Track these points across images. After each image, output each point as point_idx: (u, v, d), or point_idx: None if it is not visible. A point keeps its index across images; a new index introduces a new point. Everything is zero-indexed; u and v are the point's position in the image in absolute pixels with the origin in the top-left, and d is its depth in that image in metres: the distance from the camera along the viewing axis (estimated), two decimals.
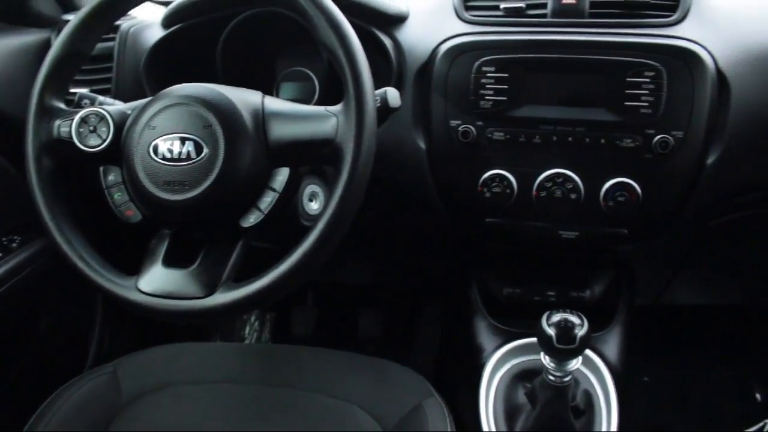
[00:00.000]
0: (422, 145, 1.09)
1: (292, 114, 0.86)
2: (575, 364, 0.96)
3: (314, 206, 1.03)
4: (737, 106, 1.00)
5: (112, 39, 1.21)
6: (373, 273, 1.77)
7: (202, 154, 0.82)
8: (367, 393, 1.07)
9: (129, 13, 1.01)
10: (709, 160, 1.01)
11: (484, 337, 1.20)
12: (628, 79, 0.99)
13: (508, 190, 1.05)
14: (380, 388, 1.08)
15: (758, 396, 1.73)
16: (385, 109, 0.92)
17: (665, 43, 1.00)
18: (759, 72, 1.01)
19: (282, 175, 0.89)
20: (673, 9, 1.03)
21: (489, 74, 1.03)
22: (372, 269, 1.74)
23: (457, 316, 1.29)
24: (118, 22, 1.17)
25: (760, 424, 1.68)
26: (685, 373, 1.80)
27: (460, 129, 1.05)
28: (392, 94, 0.92)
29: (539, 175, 1.04)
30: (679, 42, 1.00)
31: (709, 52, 1.00)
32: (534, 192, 1.05)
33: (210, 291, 0.84)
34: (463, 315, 1.26)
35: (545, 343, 0.94)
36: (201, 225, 0.88)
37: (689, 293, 1.53)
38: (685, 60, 0.99)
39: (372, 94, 0.84)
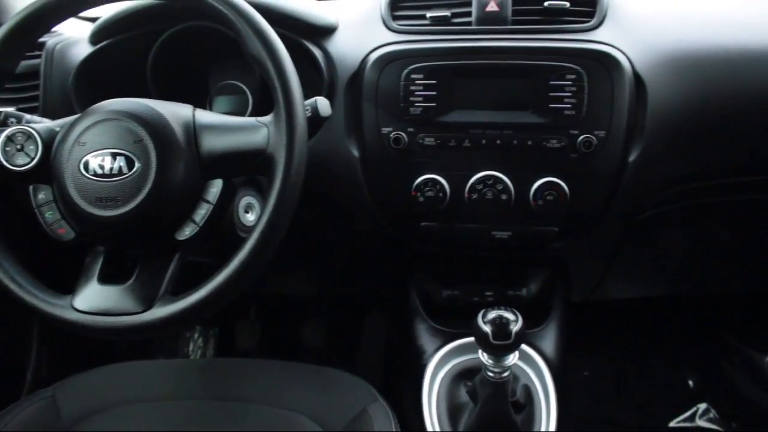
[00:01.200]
0: (355, 153, 1.11)
1: (223, 126, 0.87)
2: (512, 359, 0.99)
3: (250, 217, 1.04)
4: (654, 105, 1.05)
5: (38, 56, 1.19)
6: (315, 283, 1.77)
7: (134, 169, 0.82)
8: (312, 401, 1.07)
9: (54, 29, 0.99)
10: (631, 158, 1.06)
11: (425, 339, 1.22)
12: (551, 83, 1.03)
13: (441, 194, 1.07)
14: (325, 395, 1.09)
15: (691, 383, 1.80)
16: (316, 119, 0.93)
17: (584, 47, 1.04)
18: (672, 73, 1.07)
19: (215, 187, 0.90)
20: (590, 15, 1.08)
21: (418, 81, 1.05)
22: (313, 279, 1.74)
23: (399, 321, 1.31)
24: (43, 39, 1.15)
25: (693, 409, 1.75)
26: (623, 365, 1.86)
27: (391, 136, 1.07)
28: (323, 104, 0.93)
29: (470, 177, 1.07)
30: (597, 46, 1.04)
31: (626, 55, 1.04)
32: (466, 194, 1.07)
33: (147, 306, 0.83)
34: (403, 319, 1.28)
35: (482, 340, 0.96)
36: (135, 240, 0.87)
37: (622, 287, 1.58)
38: (603, 63, 1.03)
39: (302, 104, 0.85)
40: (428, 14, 1.10)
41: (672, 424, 1.75)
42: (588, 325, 1.74)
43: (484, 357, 1.00)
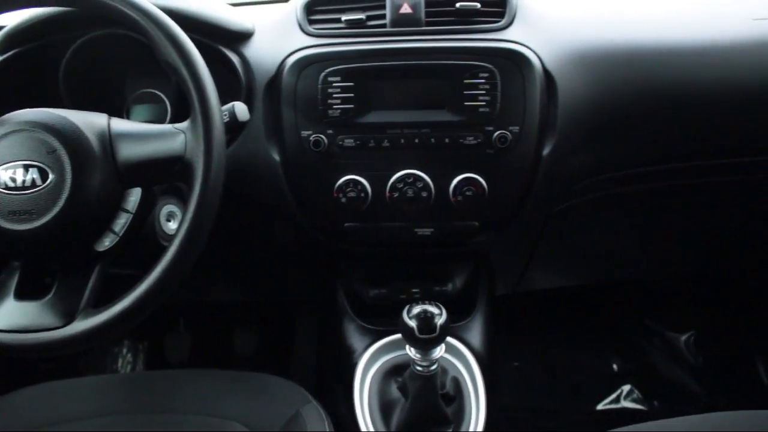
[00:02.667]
0: (276, 157, 1.11)
1: (139, 134, 0.86)
2: (439, 352, 1.01)
3: (172, 226, 1.03)
4: (564, 101, 1.09)
5: None
6: (244, 289, 1.76)
7: (48, 181, 0.81)
8: (245, 408, 1.07)
9: None
10: (545, 152, 1.10)
11: (354, 338, 1.23)
12: (466, 81, 1.06)
13: (362, 194, 1.09)
14: (258, 401, 1.09)
15: (615, 366, 1.87)
16: (234, 124, 0.93)
17: (496, 46, 1.07)
18: (580, 69, 1.11)
19: (134, 196, 0.89)
20: (500, 15, 1.11)
21: (335, 84, 1.07)
22: (242, 286, 1.73)
23: (328, 322, 1.32)
24: None
25: (618, 391, 1.82)
26: (550, 354, 1.92)
27: (311, 139, 1.08)
28: (240, 108, 0.94)
29: (391, 177, 1.09)
30: (508, 44, 1.07)
31: (536, 53, 1.08)
32: (387, 194, 1.09)
33: (68, 320, 0.82)
34: (332, 320, 1.28)
35: (408, 335, 0.98)
36: (53, 253, 0.86)
37: (544, 278, 1.63)
38: (514, 61, 1.06)
39: (218, 109, 0.85)
40: (343, 17, 1.11)
41: (599, 407, 1.81)
42: (515, 317, 1.80)
43: (411, 352, 1.02)
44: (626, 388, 1.83)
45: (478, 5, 1.10)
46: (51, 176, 0.81)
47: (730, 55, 1.14)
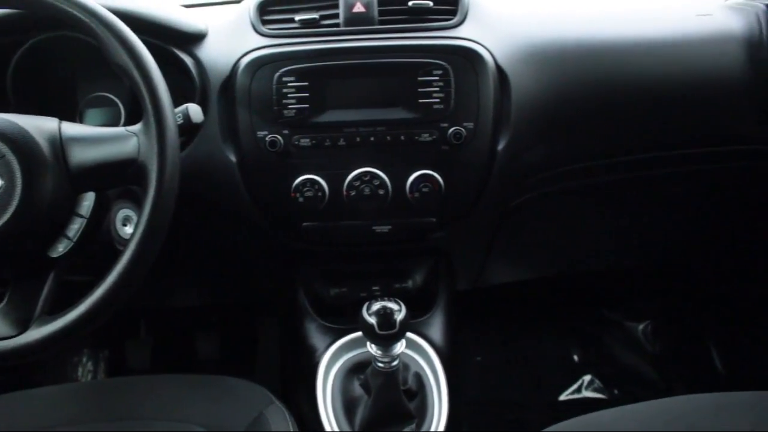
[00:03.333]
0: (233, 158, 1.11)
1: (91, 137, 0.85)
2: (400, 348, 1.02)
3: (128, 230, 1.02)
4: (517, 96, 1.11)
5: None
6: (204, 293, 1.75)
7: None
8: (207, 411, 1.06)
9: None
10: (500, 147, 1.11)
11: (315, 337, 1.23)
12: (420, 79, 1.07)
13: (320, 193, 1.09)
14: (221, 404, 1.08)
15: (576, 357, 1.90)
16: (188, 125, 0.93)
17: (449, 43, 1.09)
18: (532, 66, 1.13)
19: (88, 201, 0.88)
20: (453, 13, 1.12)
21: (290, 84, 1.07)
22: (202, 289, 1.72)
23: (290, 322, 1.31)
24: None
25: (579, 381, 1.85)
26: (513, 347, 1.94)
27: (267, 139, 1.07)
28: (194, 110, 0.93)
29: (348, 175, 1.09)
30: (460, 42, 1.09)
31: (488, 50, 1.09)
32: (344, 192, 1.09)
33: (23, 328, 0.81)
34: (293, 320, 1.28)
35: (368, 332, 0.99)
36: (5, 260, 0.84)
37: (504, 272, 1.65)
38: (467, 57, 1.08)
39: (171, 111, 0.84)
40: (297, 17, 1.11)
41: (562, 397, 1.84)
42: (477, 312, 1.81)
43: (372, 348, 1.02)
44: (587, 378, 1.86)
45: (431, 3, 1.11)
46: (0, 182, 0.79)
47: (675, 50, 1.18)
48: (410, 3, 1.11)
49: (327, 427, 1.11)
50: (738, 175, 1.37)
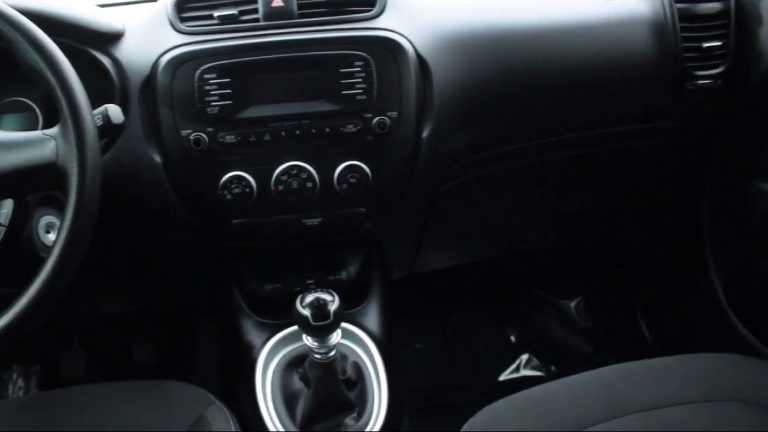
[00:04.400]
0: (157, 158, 1.09)
1: (4, 142, 0.83)
2: (335, 338, 1.03)
3: (52, 237, 1.00)
4: (438, 84, 1.13)
5: None
6: (138, 298, 1.72)
7: None
8: (146, 417, 1.05)
9: None
10: (424, 134, 1.13)
11: (252, 334, 1.23)
12: (342, 71, 1.08)
13: (247, 190, 1.09)
14: (159, 409, 1.06)
15: (512, 337, 1.95)
16: (108, 127, 0.91)
17: (369, 34, 1.10)
18: (452, 54, 1.15)
19: (6, 208, 0.86)
20: (372, 4, 1.13)
21: (211, 81, 1.06)
22: (135, 294, 1.69)
23: (226, 321, 1.31)
24: None
25: (518, 361, 1.89)
26: (451, 331, 1.97)
27: (191, 138, 1.06)
28: (114, 111, 0.92)
29: (275, 170, 1.09)
30: (380, 32, 1.10)
31: (408, 40, 1.11)
32: (272, 187, 1.09)
33: None
34: (230, 318, 1.28)
35: (303, 324, 0.99)
36: None
37: (438, 259, 1.67)
38: (388, 48, 1.09)
39: (89, 112, 0.83)
40: (215, 14, 1.10)
41: (501, 377, 1.88)
42: (415, 299, 1.84)
43: (308, 341, 1.03)
44: (525, 357, 1.91)
45: None
46: None
47: (587, 34, 1.22)
48: None
49: (268, 423, 1.11)
50: (656, 151, 1.43)
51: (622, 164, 1.47)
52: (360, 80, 1.08)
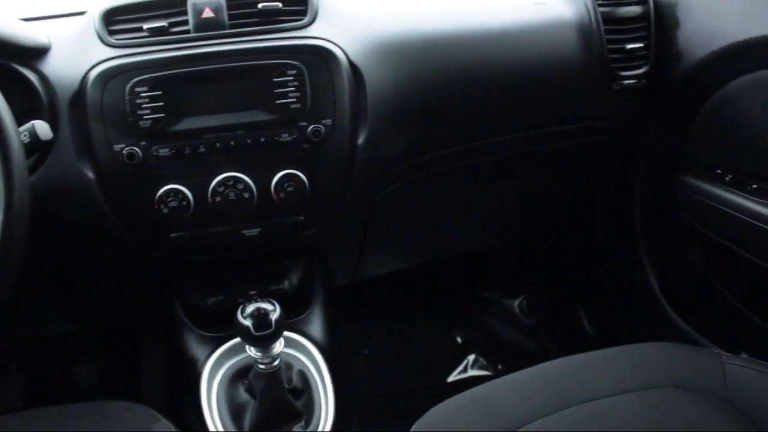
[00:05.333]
0: (90, 174, 1.07)
1: None
2: (279, 347, 1.03)
3: None
4: (372, 91, 1.14)
5: None
6: (78, 317, 1.68)
7: None
8: None
9: None
10: (360, 141, 1.14)
11: (195, 349, 1.21)
12: (275, 80, 1.08)
13: (184, 203, 1.08)
14: (103, 429, 1.04)
15: (459, 339, 1.97)
16: (36, 144, 0.89)
17: (301, 43, 1.10)
18: (385, 61, 1.17)
19: None
20: (303, 13, 1.14)
21: (143, 94, 1.04)
22: (75, 314, 1.65)
23: (169, 337, 1.29)
24: None
25: (465, 362, 1.92)
26: (398, 336, 1.98)
27: (124, 152, 1.05)
28: (41, 127, 0.90)
29: (211, 182, 1.08)
30: (312, 41, 1.11)
31: (340, 47, 1.12)
32: (210, 199, 1.09)
33: None
34: (172, 334, 1.26)
35: (245, 335, 0.99)
36: None
37: (381, 264, 1.68)
38: (320, 56, 1.10)
39: (14, 129, 0.81)
40: (145, 26, 1.09)
41: (450, 379, 1.90)
42: (361, 306, 1.84)
43: (252, 351, 1.03)
44: (471, 357, 1.93)
45: (280, 5, 1.12)
46: None
47: (517, 38, 1.25)
48: (260, 5, 1.11)
49: None
50: (588, 149, 1.47)
51: (557, 163, 1.51)
52: (293, 89, 1.08)
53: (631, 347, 1.11)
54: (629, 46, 1.27)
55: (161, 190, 1.07)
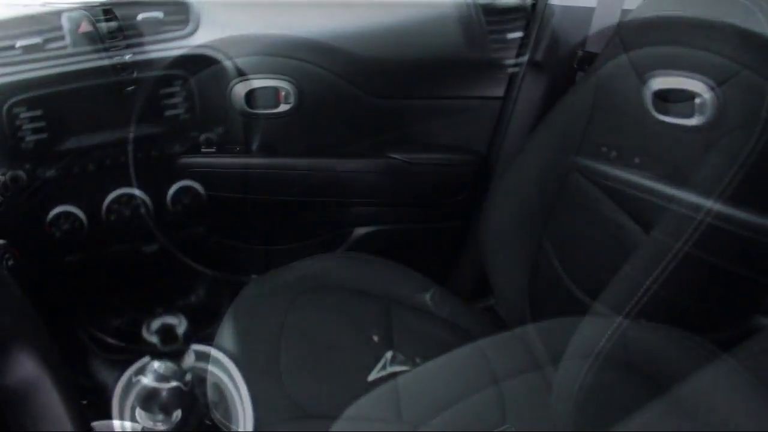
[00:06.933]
0: None
1: None
2: (190, 361, 1.01)
3: None
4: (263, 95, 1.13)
5: None
6: None
7: None
8: None
9: None
10: (254, 146, 1.13)
11: (104, 374, 1.18)
12: (162, 91, 1.06)
13: (77, 223, 1.04)
14: None
15: (375, 338, 1.97)
16: None
17: (185, 53, 1.09)
18: (267, 62, 1.16)
19: None
20: (185, 23, 1.12)
21: (22, 115, 1.01)
22: None
23: (76, 364, 1.24)
24: None
25: (383, 359, 1.92)
26: (316, 341, 1.97)
27: (7, 177, 1.01)
28: None
29: (104, 200, 1.05)
30: (196, 50, 1.09)
31: (226, 54, 1.11)
32: (104, 218, 1.06)
33: None
34: (79, 362, 1.22)
35: (153, 352, 0.96)
36: None
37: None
38: (206, 64, 1.08)
39: None
40: (18, 44, 1.05)
41: (370, 378, 1.90)
42: None
43: (162, 368, 1.00)
44: (389, 354, 1.93)
45: (161, 15, 1.10)
46: None
47: (406, 34, 1.27)
48: (139, 17, 1.09)
49: None
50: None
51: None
52: (181, 99, 1.07)
53: (536, 325, 1.15)
54: (510, 36, 1.31)
55: (51, 214, 1.03)
